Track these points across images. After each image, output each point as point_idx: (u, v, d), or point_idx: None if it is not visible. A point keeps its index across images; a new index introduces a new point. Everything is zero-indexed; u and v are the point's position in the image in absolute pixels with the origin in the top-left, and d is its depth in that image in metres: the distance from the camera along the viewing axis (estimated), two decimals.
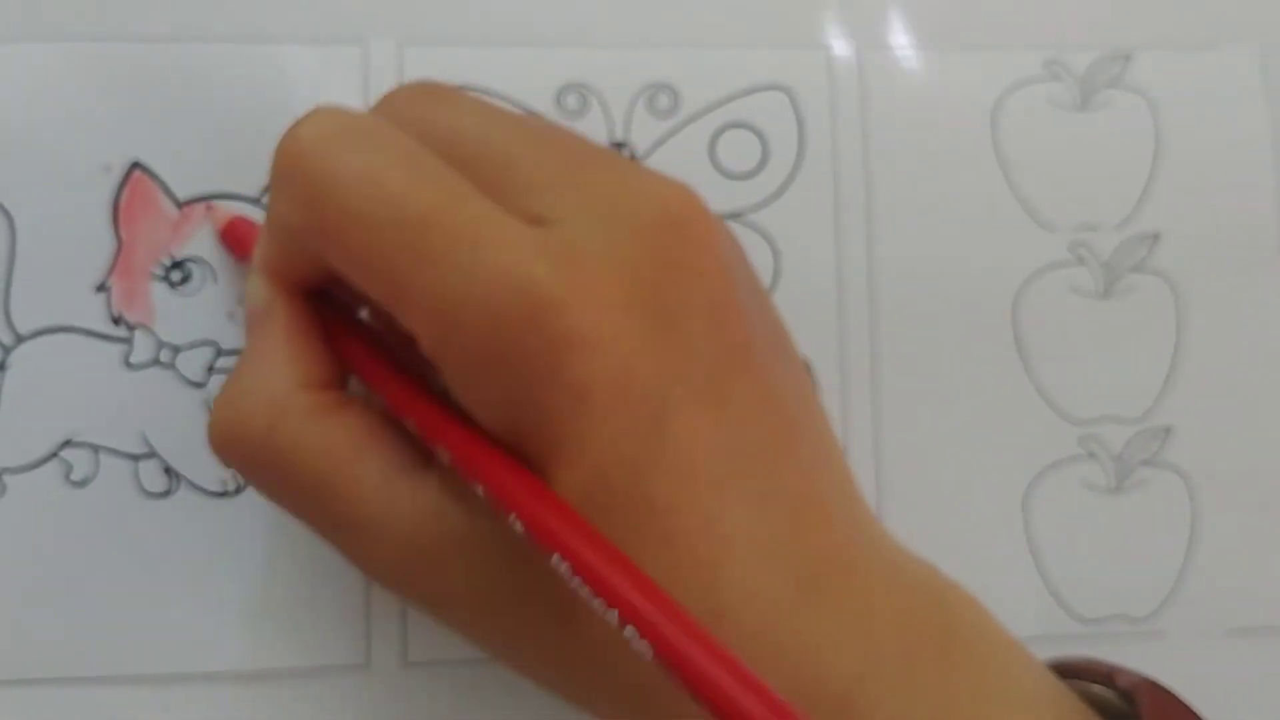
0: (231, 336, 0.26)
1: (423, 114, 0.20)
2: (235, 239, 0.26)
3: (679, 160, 0.28)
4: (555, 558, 0.17)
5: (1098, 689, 0.22)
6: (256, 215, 0.26)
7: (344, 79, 0.27)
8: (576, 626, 0.19)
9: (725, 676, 0.16)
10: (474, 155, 0.19)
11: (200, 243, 0.26)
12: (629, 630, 0.16)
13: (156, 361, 0.26)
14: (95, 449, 0.26)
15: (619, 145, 0.28)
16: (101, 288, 0.26)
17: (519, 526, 0.17)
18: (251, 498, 0.26)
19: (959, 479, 0.28)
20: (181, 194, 0.26)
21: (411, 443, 0.20)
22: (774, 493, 0.19)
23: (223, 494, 0.26)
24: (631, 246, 0.19)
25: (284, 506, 0.21)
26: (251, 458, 0.20)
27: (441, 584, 0.20)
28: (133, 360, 0.26)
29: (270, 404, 0.20)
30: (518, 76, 0.27)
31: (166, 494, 0.26)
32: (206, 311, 0.26)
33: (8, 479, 0.25)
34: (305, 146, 0.19)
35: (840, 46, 0.29)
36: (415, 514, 0.19)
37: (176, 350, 0.26)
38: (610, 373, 0.18)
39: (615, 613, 0.16)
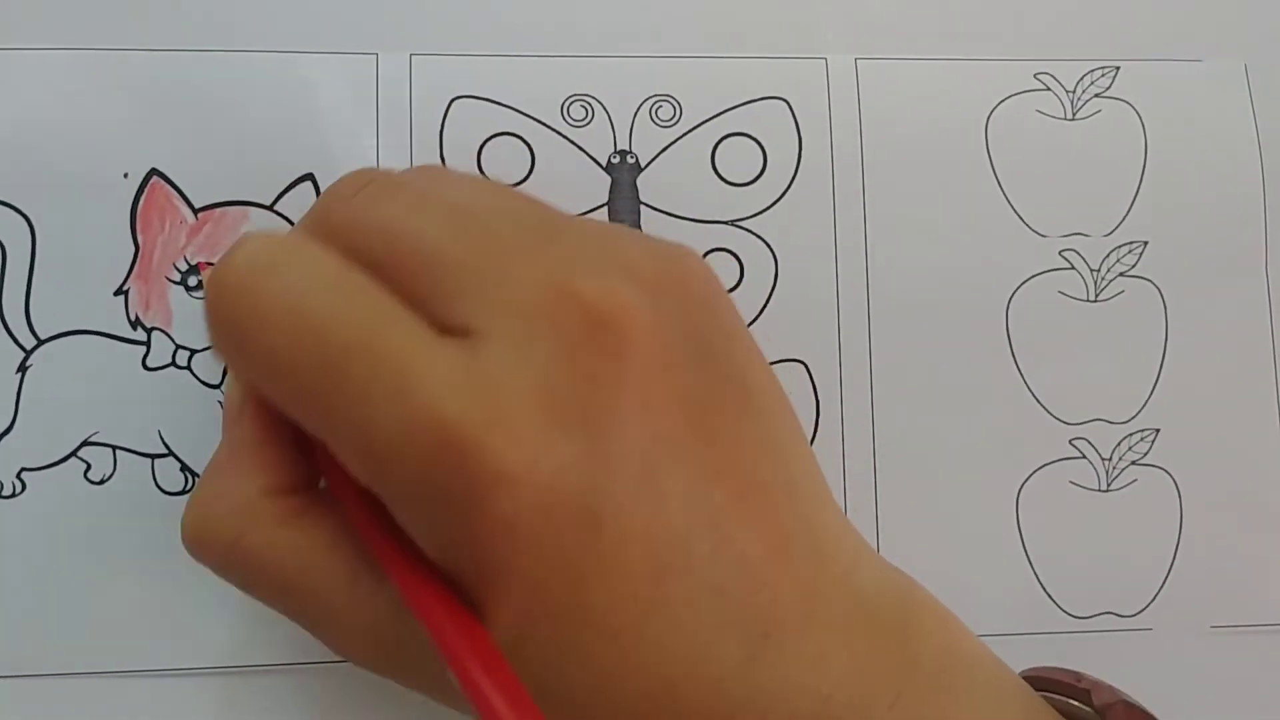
0: None
1: (356, 214, 0.20)
2: None
3: (681, 168, 0.28)
4: None
5: (1075, 705, 0.22)
6: (270, 222, 0.27)
7: (357, 88, 0.28)
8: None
9: None
10: (403, 255, 0.19)
11: (216, 248, 0.27)
12: None
13: (173, 363, 0.27)
14: (113, 448, 0.26)
15: (623, 154, 0.28)
16: (120, 292, 0.27)
17: (454, 679, 0.18)
18: None
19: (953, 478, 0.29)
20: (198, 201, 0.27)
21: None
22: (723, 563, 0.19)
23: None
24: (550, 364, 0.18)
25: (258, 599, 0.22)
26: (222, 562, 0.21)
27: (407, 672, 0.21)
28: (150, 362, 0.26)
29: (238, 512, 0.21)
30: (524, 87, 0.28)
31: (183, 492, 0.26)
32: None
33: (28, 477, 0.26)
34: (230, 284, 0.19)
35: (837, 58, 0.29)
36: (376, 614, 0.20)
37: (193, 353, 0.27)
38: (535, 502, 0.18)
39: None
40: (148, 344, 0.26)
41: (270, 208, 0.27)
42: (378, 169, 0.22)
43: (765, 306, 0.28)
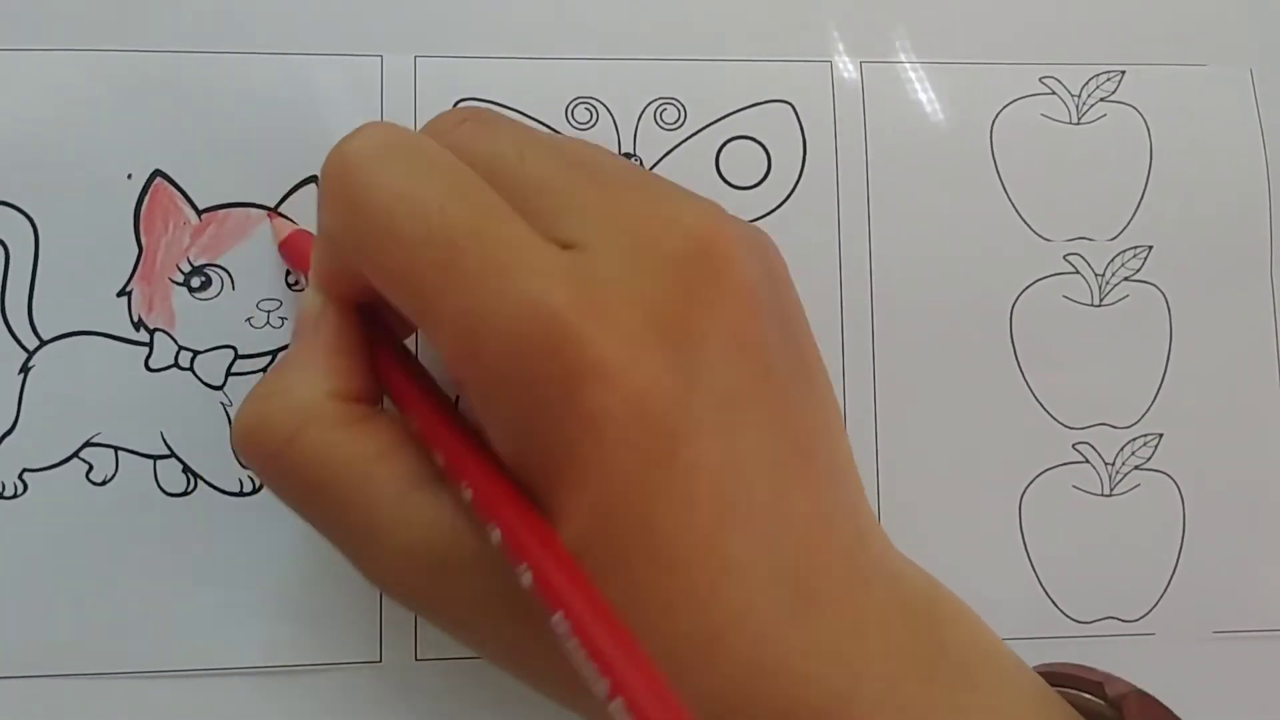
0: (250, 341, 0.27)
1: (465, 138, 0.21)
2: (294, 251, 0.26)
3: (685, 171, 0.28)
4: (556, 617, 0.17)
5: (1089, 698, 0.22)
6: (275, 223, 0.27)
7: (361, 90, 0.28)
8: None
9: None
10: (511, 179, 0.20)
11: (219, 250, 0.27)
12: (615, 704, 0.16)
13: (176, 365, 0.27)
14: (116, 449, 0.26)
15: (627, 156, 0.28)
16: (123, 293, 0.27)
17: (527, 579, 0.18)
18: (269, 498, 0.26)
19: (957, 482, 0.29)
20: (202, 202, 0.27)
21: (430, 460, 0.21)
22: (778, 517, 0.20)
23: (240, 494, 0.26)
24: (653, 277, 0.19)
25: (298, 510, 0.21)
26: (273, 458, 0.21)
27: (447, 595, 0.20)
28: (153, 363, 0.26)
29: (299, 408, 0.21)
30: (528, 89, 0.28)
31: (185, 494, 0.26)
32: (225, 316, 0.27)
33: (30, 478, 0.26)
34: (350, 160, 0.20)
35: (842, 61, 0.29)
36: (428, 528, 0.20)
37: (196, 354, 0.27)
38: (622, 404, 0.18)
39: (605, 684, 0.17)
40: (150, 345, 0.26)
41: (274, 209, 0.27)
42: (471, 107, 0.22)
43: None
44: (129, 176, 0.27)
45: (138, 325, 0.26)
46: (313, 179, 0.27)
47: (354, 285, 0.21)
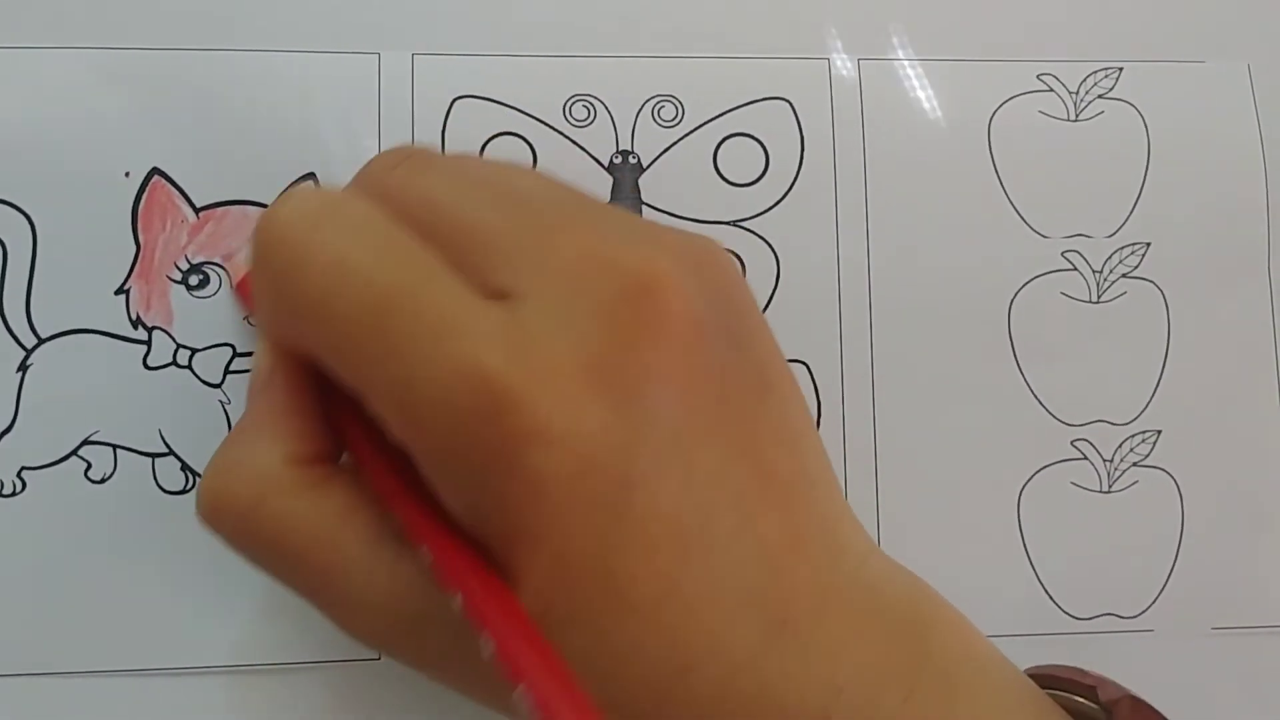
0: (247, 339, 0.27)
1: (399, 182, 0.21)
2: (250, 294, 0.26)
3: (683, 169, 0.28)
4: (519, 691, 0.17)
5: (1081, 701, 0.22)
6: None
7: (359, 87, 0.28)
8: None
9: None
10: (446, 226, 0.20)
11: (217, 247, 0.27)
12: None
13: (174, 363, 0.27)
14: (114, 447, 0.26)
15: (625, 154, 0.28)
16: (121, 291, 0.27)
17: (489, 650, 0.18)
18: None
19: (955, 479, 0.29)
20: (200, 200, 0.27)
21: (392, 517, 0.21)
22: (744, 544, 0.19)
23: None
24: (590, 326, 0.19)
25: (269, 574, 0.21)
26: (238, 529, 0.21)
27: (419, 649, 0.20)
28: (151, 361, 0.26)
29: (258, 479, 0.20)
30: (526, 87, 0.28)
31: (183, 492, 0.26)
32: (223, 314, 0.27)
33: (28, 476, 0.26)
34: (278, 231, 0.19)
35: (840, 59, 0.29)
36: (394, 587, 0.20)
37: (194, 352, 0.27)
38: (567, 463, 0.18)
39: None
40: (149, 343, 0.26)
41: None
42: (413, 145, 0.21)
43: (767, 307, 0.28)
44: (126, 174, 0.27)
45: (136, 323, 0.26)
46: (310, 176, 0.27)
47: (298, 346, 0.21)
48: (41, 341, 0.26)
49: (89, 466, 0.26)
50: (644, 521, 0.19)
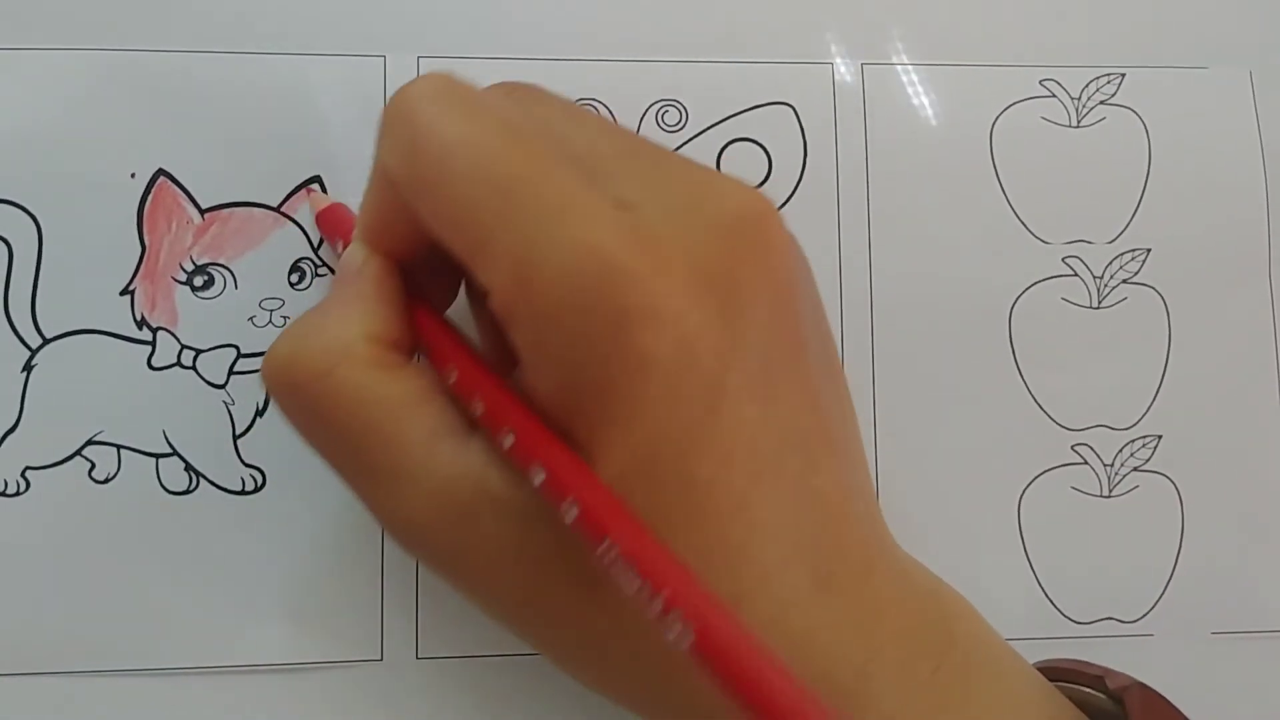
0: (252, 340, 0.27)
1: (520, 100, 0.21)
2: (330, 223, 0.26)
3: None
4: (605, 543, 0.17)
5: (1089, 692, 0.22)
6: (276, 224, 0.27)
7: (364, 90, 0.28)
8: (601, 596, 0.19)
9: (769, 671, 0.16)
10: (563, 142, 0.20)
11: (222, 249, 0.27)
12: (673, 615, 0.16)
13: (178, 364, 0.27)
14: (118, 448, 0.26)
15: None
16: (126, 291, 0.27)
17: (573, 512, 0.18)
18: (271, 497, 0.26)
19: (956, 483, 0.29)
20: (205, 202, 0.27)
21: (460, 411, 0.21)
22: (804, 489, 0.20)
23: (242, 493, 0.26)
24: (705, 236, 0.19)
25: (321, 447, 0.21)
26: (304, 393, 0.21)
27: (469, 545, 0.20)
28: (155, 362, 0.27)
29: (336, 345, 0.21)
30: None
31: (187, 492, 0.26)
32: (228, 316, 0.27)
33: (32, 476, 0.26)
34: (414, 100, 0.20)
35: (843, 64, 0.29)
36: (454, 471, 0.20)
37: (198, 353, 0.27)
38: (672, 349, 0.18)
39: (661, 598, 0.17)
40: (153, 344, 0.27)
41: (277, 209, 0.27)
42: (517, 81, 0.22)
43: None
44: (132, 175, 0.27)
45: (140, 324, 0.27)
46: (315, 179, 0.27)
47: (403, 236, 0.21)
48: (46, 341, 0.26)
49: (93, 466, 0.26)
50: (728, 432, 0.19)
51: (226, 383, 0.27)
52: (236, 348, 0.27)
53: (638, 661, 0.20)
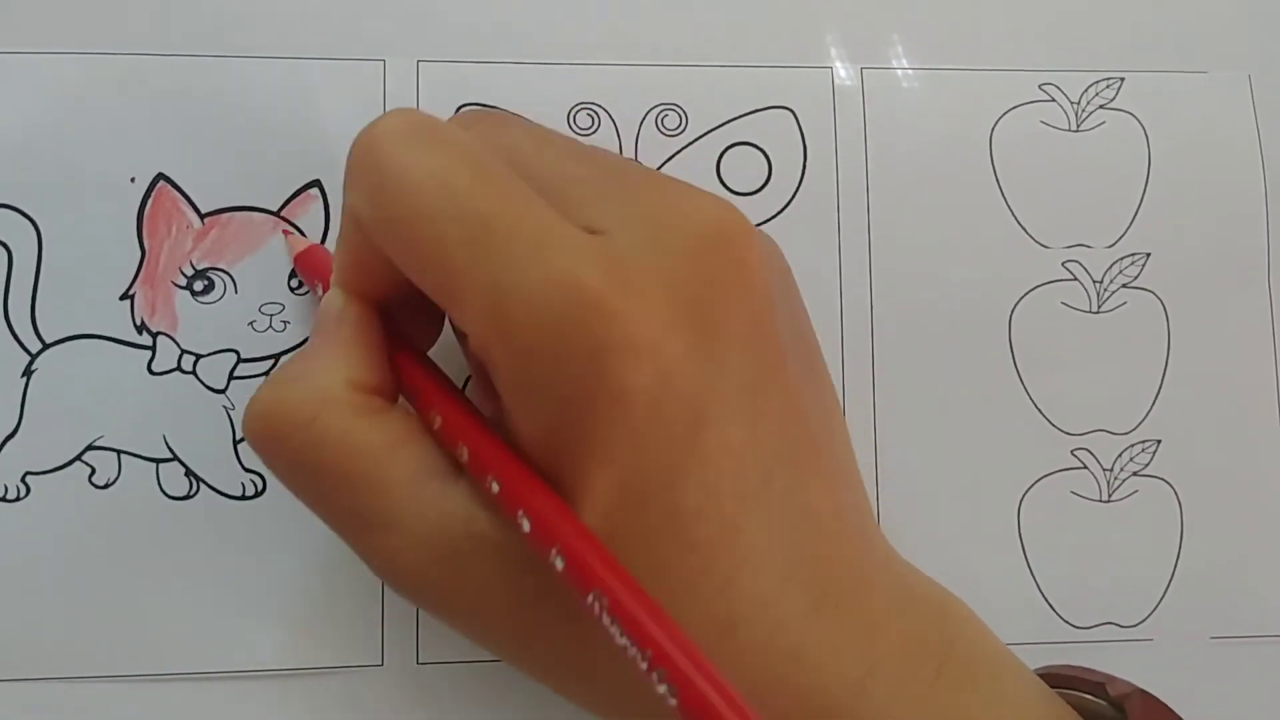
0: (252, 345, 0.27)
1: (484, 132, 0.21)
2: (309, 266, 0.26)
3: (686, 177, 0.27)
4: (592, 595, 0.17)
5: (1090, 699, 0.22)
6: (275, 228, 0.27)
7: (364, 94, 0.28)
8: (589, 635, 0.19)
9: None
10: (531, 171, 0.20)
11: (222, 253, 0.27)
12: (657, 674, 0.17)
13: (179, 368, 0.27)
14: (118, 453, 0.26)
15: None
16: (126, 296, 0.27)
17: (559, 563, 0.18)
18: (272, 502, 0.26)
19: (955, 488, 0.29)
20: (205, 206, 0.27)
21: (444, 455, 0.21)
22: (794, 508, 0.20)
23: (243, 498, 0.26)
24: (677, 261, 0.19)
25: (307, 497, 0.21)
26: (286, 444, 0.21)
27: (459, 587, 0.20)
28: (155, 367, 0.27)
29: (317, 394, 0.21)
30: (530, 95, 0.28)
31: (187, 497, 0.26)
32: (228, 320, 0.27)
33: (32, 481, 0.26)
34: (379, 141, 0.20)
35: (843, 68, 0.29)
36: (442, 517, 0.20)
37: (198, 358, 0.27)
38: (652, 381, 0.18)
39: (647, 656, 0.17)
40: (153, 349, 0.27)
41: (277, 214, 0.27)
42: (480, 110, 0.22)
43: None
44: (132, 180, 0.27)
45: (140, 329, 0.27)
46: (315, 183, 0.27)
47: (378, 279, 0.21)
48: (46, 346, 0.26)
49: (93, 472, 0.26)
50: (712, 459, 0.19)
51: (227, 387, 0.27)
52: (237, 352, 0.27)
53: (634, 690, 0.19)
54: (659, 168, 0.28)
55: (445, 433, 0.21)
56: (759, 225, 0.29)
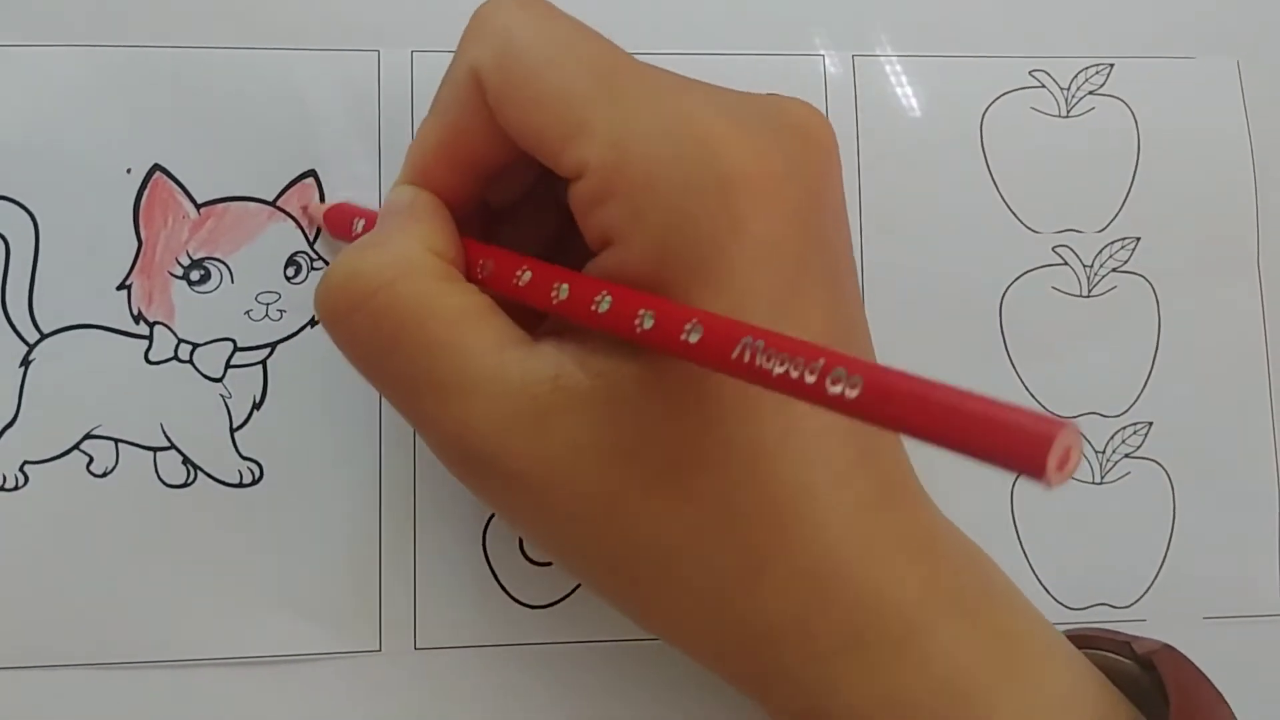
0: (248, 334, 0.27)
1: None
2: (339, 218, 0.26)
3: None
4: (743, 342, 0.17)
5: (1115, 658, 0.23)
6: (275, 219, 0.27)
7: (358, 85, 0.28)
8: (681, 494, 0.19)
9: (955, 396, 0.15)
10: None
11: (218, 243, 0.27)
12: (837, 372, 0.16)
13: (175, 358, 0.27)
14: (116, 442, 0.26)
15: None
16: (123, 286, 0.27)
17: (698, 332, 0.17)
18: (269, 490, 0.27)
19: (947, 471, 0.29)
20: (201, 196, 0.27)
21: (524, 325, 0.21)
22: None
23: (240, 486, 0.27)
24: (785, 133, 0.20)
25: (381, 368, 0.21)
26: (363, 310, 0.20)
27: (544, 444, 0.20)
28: (152, 356, 0.27)
29: (398, 260, 0.21)
30: None
31: (185, 485, 0.27)
32: (224, 310, 0.27)
33: (30, 470, 0.26)
34: (502, 6, 0.21)
35: (834, 55, 0.30)
36: (528, 374, 0.20)
37: (195, 347, 0.27)
38: (768, 221, 0.19)
39: (820, 362, 0.16)
40: (150, 338, 0.27)
41: (272, 203, 0.27)
42: None
43: None
44: (128, 171, 0.27)
45: (137, 318, 0.27)
46: (310, 173, 0.27)
47: (465, 157, 0.22)
48: (44, 336, 0.26)
49: (91, 460, 0.26)
50: (805, 313, 0.20)
51: (223, 376, 0.27)
52: (233, 341, 0.27)
53: (702, 574, 0.20)
54: None
55: (538, 281, 0.21)
56: None
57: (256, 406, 0.27)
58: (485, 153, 0.22)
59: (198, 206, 0.27)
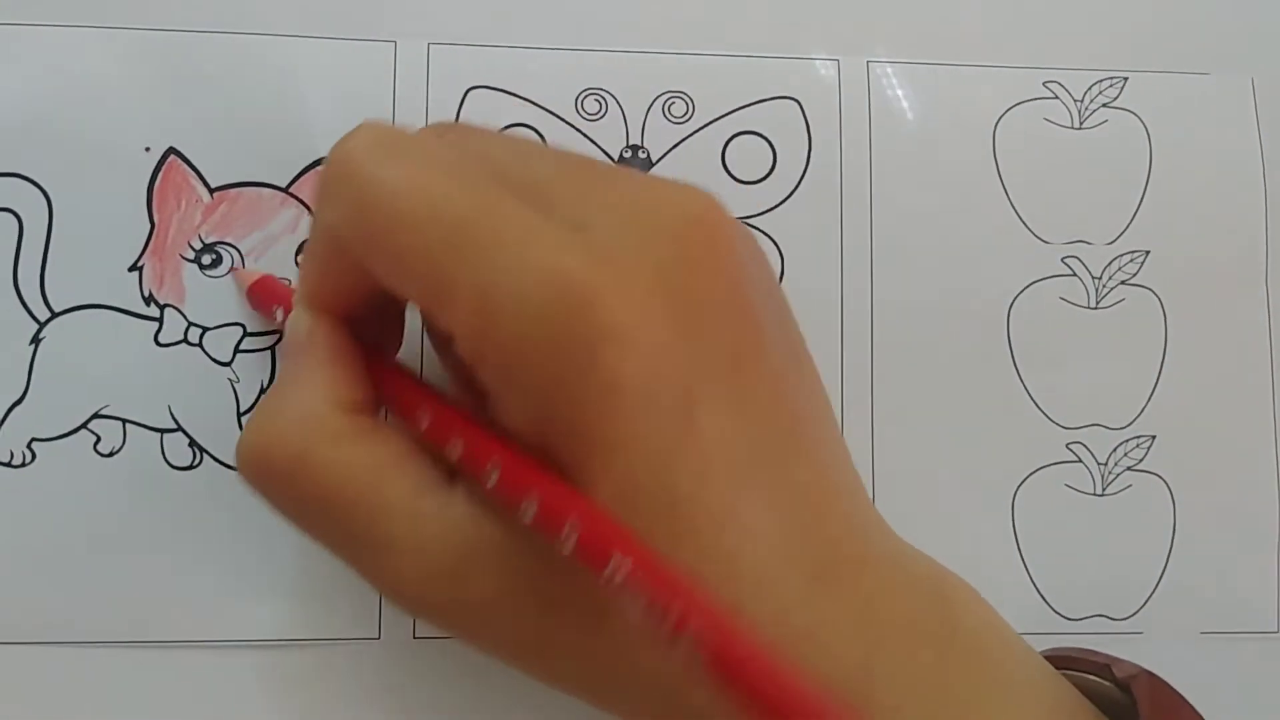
0: (258, 319, 0.27)
1: (457, 141, 0.22)
2: (264, 294, 0.26)
3: (692, 165, 0.29)
4: (612, 563, 0.17)
5: (1094, 680, 0.23)
6: (285, 204, 0.27)
7: (375, 75, 0.28)
8: (606, 626, 0.19)
9: (785, 678, 0.16)
10: (508, 175, 0.20)
11: (230, 228, 0.27)
12: (686, 630, 0.17)
13: (185, 340, 0.27)
14: (124, 422, 0.27)
15: (635, 148, 0.29)
16: (135, 268, 0.27)
17: (573, 538, 0.18)
18: None
19: (951, 479, 0.29)
20: (215, 181, 0.27)
21: (437, 464, 0.21)
22: (788, 487, 0.20)
23: None
24: (658, 246, 0.19)
25: (309, 528, 0.21)
26: (281, 478, 0.21)
27: (466, 596, 0.20)
28: (162, 338, 0.27)
29: (304, 425, 0.21)
30: (540, 79, 0.28)
31: (191, 467, 0.27)
32: (235, 294, 0.27)
33: (38, 448, 0.26)
34: (354, 155, 0.20)
35: (850, 60, 0.30)
36: (443, 528, 0.20)
37: (205, 330, 0.27)
38: (641, 367, 0.18)
39: (673, 614, 0.17)
40: (160, 320, 0.27)
41: (286, 190, 0.27)
42: (446, 122, 0.22)
43: None
44: (147, 149, 0.27)
45: (148, 300, 0.27)
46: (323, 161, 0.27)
47: (349, 293, 0.21)
48: (55, 315, 0.27)
49: (98, 440, 0.26)
50: (704, 442, 0.19)
51: (232, 360, 0.27)
52: (243, 326, 0.27)
53: (645, 683, 0.20)
54: (665, 154, 0.29)
55: (435, 430, 0.20)
56: (762, 214, 0.29)
57: (264, 390, 0.27)
58: (370, 284, 0.21)
59: (211, 191, 0.27)
